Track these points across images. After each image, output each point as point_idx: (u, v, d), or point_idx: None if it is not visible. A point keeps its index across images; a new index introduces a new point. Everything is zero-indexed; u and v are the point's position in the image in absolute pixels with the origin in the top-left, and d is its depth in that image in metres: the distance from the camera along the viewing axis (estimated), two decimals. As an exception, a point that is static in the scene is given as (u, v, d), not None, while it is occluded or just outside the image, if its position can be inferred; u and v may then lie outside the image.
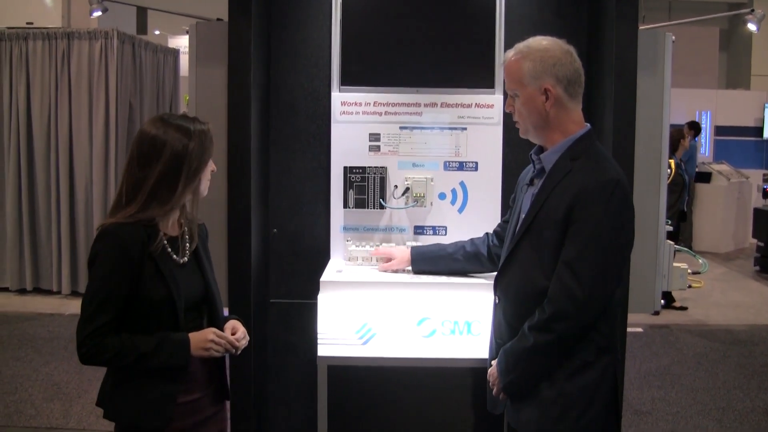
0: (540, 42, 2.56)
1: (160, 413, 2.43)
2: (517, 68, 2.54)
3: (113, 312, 2.35)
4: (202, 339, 2.44)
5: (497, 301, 2.71)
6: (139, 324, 2.40)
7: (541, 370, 2.51)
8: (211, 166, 2.55)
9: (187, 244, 2.54)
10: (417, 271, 3.25)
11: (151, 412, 2.43)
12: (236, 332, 2.57)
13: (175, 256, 2.48)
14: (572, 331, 2.44)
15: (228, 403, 2.77)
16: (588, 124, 2.60)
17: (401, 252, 3.32)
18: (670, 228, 3.61)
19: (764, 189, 12.30)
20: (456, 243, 3.23)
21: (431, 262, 3.23)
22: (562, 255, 2.43)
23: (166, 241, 2.46)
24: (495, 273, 3.16)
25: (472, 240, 3.19)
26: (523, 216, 2.61)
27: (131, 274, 2.36)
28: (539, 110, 2.54)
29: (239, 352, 2.56)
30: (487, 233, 3.16)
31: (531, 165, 2.71)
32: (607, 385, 2.54)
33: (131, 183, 2.43)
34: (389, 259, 3.34)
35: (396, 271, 3.31)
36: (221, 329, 2.55)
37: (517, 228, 2.63)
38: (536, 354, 2.47)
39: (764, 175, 13.22)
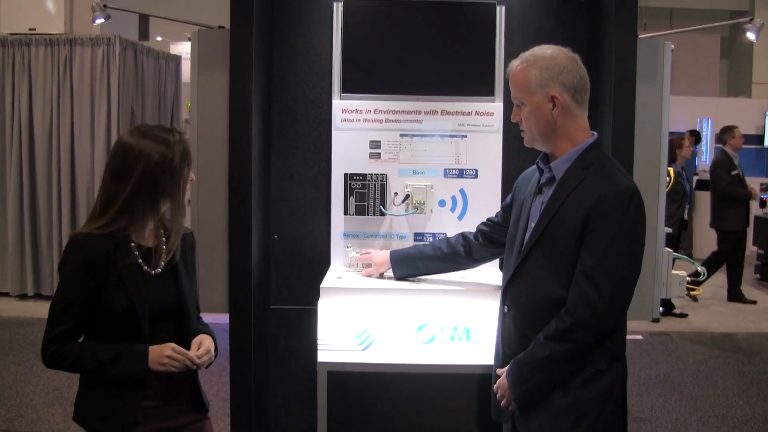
0: (545, 50, 2.57)
1: (122, 420, 2.44)
2: (523, 77, 2.55)
3: (75, 319, 2.40)
4: (160, 354, 2.41)
5: (506, 310, 2.70)
6: (103, 333, 2.44)
7: (556, 379, 2.50)
8: (190, 175, 2.56)
9: (163, 255, 2.54)
10: (398, 276, 3.26)
11: (112, 419, 2.45)
12: (200, 347, 2.52)
13: (146, 267, 2.48)
14: (591, 340, 2.45)
15: (209, 415, 2.73)
16: (595, 133, 2.62)
17: (381, 257, 3.33)
18: (669, 230, 3.63)
19: (761, 198, 12.29)
20: (433, 244, 3.24)
21: (411, 265, 3.24)
22: (580, 264, 2.44)
23: (137, 252, 2.47)
24: (480, 278, 3.20)
25: (447, 240, 3.20)
26: (533, 224, 2.60)
27: (94, 284, 2.38)
28: (546, 118, 2.54)
29: (201, 368, 2.53)
30: (462, 234, 3.17)
31: (536, 172, 2.70)
32: (617, 392, 2.56)
33: (104, 197, 2.45)
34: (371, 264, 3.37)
35: (381, 276, 3.34)
36: (188, 343, 2.53)
37: (527, 236, 2.62)
38: (553, 364, 2.47)
39: (761, 184, 13.21)
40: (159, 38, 15.05)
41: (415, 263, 3.23)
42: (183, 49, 11.80)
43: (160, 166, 2.42)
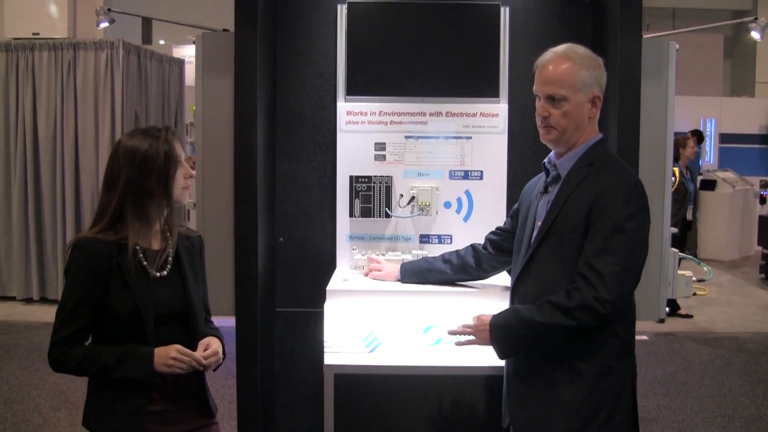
0: (584, 50, 2.60)
1: (128, 424, 2.44)
2: (572, 74, 2.54)
3: (81, 323, 2.41)
4: (165, 355, 2.41)
5: None
6: (109, 336, 2.44)
7: (536, 346, 2.53)
8: (185, 171, 2.55)
9: (170, 257, 2.55)
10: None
11: (119, 422, 2.45)
12: (208, 349, 2.51)
13: (150, 270, 2.48)
14: (592, 323, 2.41)
15: (216, 420, 2.72)
16: (601, 133, 2.63)
17: (392, 266, 3.32)
18: (675, 230, 3.62)
19: (761, 195, 12.30)
20: (443, 256, 3.21)
21: (420, 276, 3.22)
22: (584, 254, 2.43)
23: (141, 254, 2.47)
24: (483, 280, 3.20)
25: (457, 252, 3.19)
26: (539, 223, 2.60)
27: (98, 287, 2.40)
28: (583, 117, 2.57)
29: (208, 369, 2.53)
30: (471, 245, 3.16)
31: (542, 175, 2.71)
32: (628, 390, 2.57)
33: (99, 206, 2.49)
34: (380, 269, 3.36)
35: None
36: (196, 345, 2.52)
37: (534, 235, 2.62)
38: (546, 330, 2.45)
39: (761, 181, 13.22)
40: (162, 42, 15.10)
41: (424, 276, 3.22)
42: (186, 52, 11.82)
43: (142, 172, 2.44)
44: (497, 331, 2.56)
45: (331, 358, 3.11)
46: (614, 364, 2.50)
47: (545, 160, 2.69)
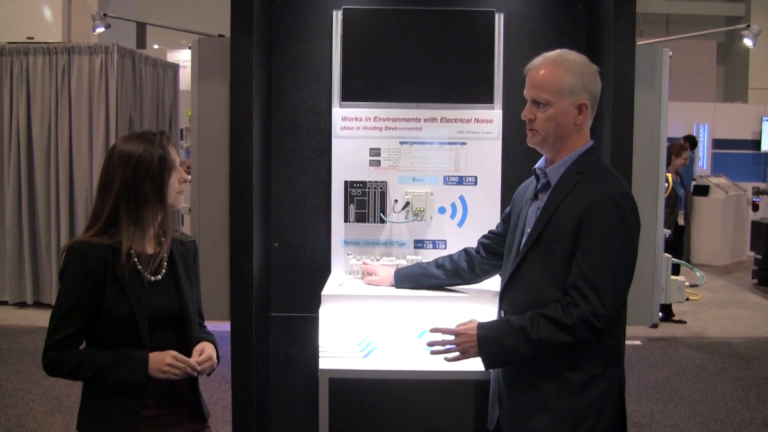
0: (575, 56, 2.59)
1: (124, 429, 2.45)
2: (556, 79, 2.54)
3: (75, 326, 2.41)
4: (160, 361, 2.42)
5: (503, 314, 2.72)
6: (104, 340, 2.45)
7: (529, 359, 2.52)
8: (179, 176, 2.57)
9: (165, 262, 2.56)
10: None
11: (113, 427, 2.45)
12: (202, 354, 2.52)
13: (146, 274, 2.49)
14: (589, 338, 2.44)
15: (209, 425, 2.73)
16: (591, 140, 2.63)
17: (386, 271, 3.34)
18: (668, 231, 3.64)
19: (753, 202, 12.34)
20: (437, 261, 3.22)
21: (415, 281, 3.24)
22: (575, 267, 2.44)
23: (136, 258, 2.48)
24: (476, 285, 3.21)
25: (450, 257, 3.20)
26: (528, 229, 2.61)
27: (93, 291, 2.40)
28: (568, 124, 2.55)
29: (203, 375, 2.54)
30: (464, 249, 3.17)
31: (533, 179, 2.72)
32: (615, 397, 2.57)
33: (93, 210, 2.51)
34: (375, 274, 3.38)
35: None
36: (190, 350, 2.53)
37: (523, 241, 2.63)
38: (541, 347, 2.46)
39: (753, 188, 13.27)
40: (156, 46, 15.08)
41: (418, 281, 3.23)
42: (180, 57, 11.82)
43: (136, 176, 2.45)
44: (487, 344, 2.56)
45: (325, 362, 3.11)
46: (601, 373, 2.52)
47: (536, 166, 2.70)
